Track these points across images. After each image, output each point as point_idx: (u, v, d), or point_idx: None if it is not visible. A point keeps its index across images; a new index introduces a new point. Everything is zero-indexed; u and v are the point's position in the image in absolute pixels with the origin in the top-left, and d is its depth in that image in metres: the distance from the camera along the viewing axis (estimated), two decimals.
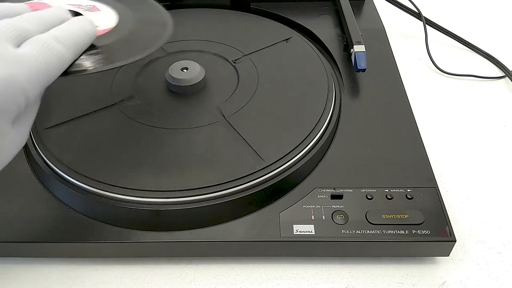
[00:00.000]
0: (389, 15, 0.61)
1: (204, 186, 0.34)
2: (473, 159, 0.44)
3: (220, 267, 0.36)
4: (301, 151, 0.37)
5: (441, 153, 0.44)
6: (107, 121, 0.40)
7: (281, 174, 0.36)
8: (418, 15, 0.59)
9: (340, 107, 0.43)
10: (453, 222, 0.35)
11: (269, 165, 0.36)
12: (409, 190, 0.36)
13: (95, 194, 0.35)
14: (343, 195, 0.36)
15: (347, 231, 0.34)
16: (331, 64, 0.48)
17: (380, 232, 0.34)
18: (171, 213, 0.34)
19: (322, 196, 0.36)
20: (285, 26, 0.52)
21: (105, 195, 0.35)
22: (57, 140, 0.39)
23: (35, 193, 0.36)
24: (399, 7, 0.60)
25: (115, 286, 0.34)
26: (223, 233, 0.34)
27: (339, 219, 0.34)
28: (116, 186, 0.34)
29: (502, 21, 0.64)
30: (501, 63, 0.55)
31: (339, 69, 0.48)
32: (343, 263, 0.36)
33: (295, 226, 0.34)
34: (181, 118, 0.40)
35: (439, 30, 0.59)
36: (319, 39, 0.51)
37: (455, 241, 0.33)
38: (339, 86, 0.46)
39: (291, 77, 0.44)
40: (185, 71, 0.43)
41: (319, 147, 0.38)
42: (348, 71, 0.47)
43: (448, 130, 0.47)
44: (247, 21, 0.54)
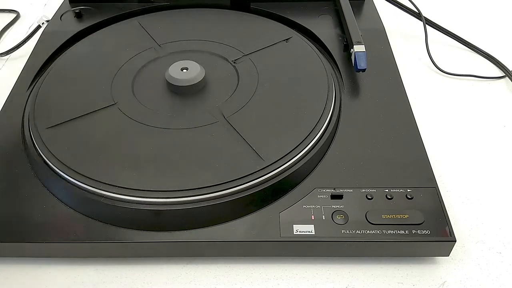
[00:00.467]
0: (389, 15, 0.61)
1: (204, 186, 0.34)
2: (473, 159, 0.44)
3: (220, 267, 0.36)
4: (301, 151, 0.37)
5: (441, 153, 0.44)
6: (107, 121, 0.40)
7: (281, 174, 0.36)
8: (418, 15, 0.59)
9: (340, 107, 0.43)
10: (453, 222, 0.35)
11: (269, 165, 0.36)
12: (409, 190, 0.36)
13: (95, 194, 0.35)
14: (343, 195, 0.36)
15: (347, 231, 0.34)
16: (331, 64, 0.48)
17: (380, 232, 0.34)
18: (171, 213, 0.34)
19: (322, 196, 0.36)
20: (285, 26, 0.52)
21: (105, 195, 0.35)
22: (57, 140, 0.39)
23: (35, 193, 0.36)
24: (399, 7, 0.60)
25: (115, 286, 0.34)
26: (223, 233, 0.34)
27: (339, 219, 0.34)
28: (116, 186, 0.34)
29: (502, 21, 0.64)
30: (501, 63, 0.55)
31: (339, 69, 0.47)
32: (343, 263, 0.36)
33: (295, 226, 0.34)
34: (181, 118, 0.40)
35: (439, 30, 0.59)
36: (319, 39, 0.51)
37: (455, 241, 0.33)
38: (339, 86, 0.45)
39: (291, 77, 0.44)
40: (185, 71, 0.43)
41: (319, 147, 0.38)
42: (348, 71, 0.47)
43: (448, 130, 0.47)
44: (247, 21, 0.54)
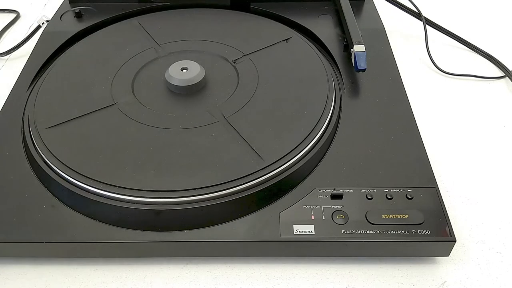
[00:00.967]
0: (389, 15, 0.61)
1: (204, 186, 0.34)
2: (473, 159, 0.44)
3: (220, 267, 0.36)
4: (301, 151, 0.37)
5: (441, 153, 0.44)
6: (107, 121, 0.40)
7: (281, 174, 0.36)
8: (418, 15, 0.59)
9: (340, 107, 0.43)
10: (453, 222, 0.35)
11: (269, 165, 0.36)
12: (409, 190, 0.36)
13: (95, 194, 0.35)
14: (343, 195, 0.36)
15: (347, 231, 0.34)
16: (331, 64, 0.48)
17: (380, 232, 0.34)
18: (171, 213, 0.34)
19: (322, 196, 0.36)
20: (285, 26, 0.52)
21: (105, 195, 0.35)
22: (57, 140, 0.39)
23: (35, 193, 0.36)
24: (399, 7, 0.60)
25: (115, 286, 0.35)
26: (223, 233, 0.34)
27: (339, 219, 0.34)
28: (116, 186, 0.34)
29: (502, 21, 0.64)
30: (501, 63, 0.55)
31: (339, 69, 0.47)
32: (343, 263, 0.36)
33: (295, 226, 0.34)
34: (181, 118, 0.40)
35: (439, 30, 0.59)
36: (319, 39, 0.51)
37: (455, 241, 0.33)
38: (339, 86, 0.45)
39: (291, 77, 0.44)
40: (185, 71, 0.43)
41: (319, 147, 0.38)
42: (348, 71, 0.47)
43: (448, 130, 0.47)
44: (247, 21, 0.54)
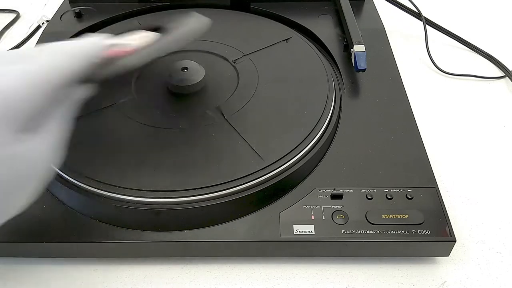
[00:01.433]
0: (389, 15, 0.61)
1: (204, 186, 0.34)
2: (473, 159, 0.44)
3: (220, 267, 0.36)
4: (301, 151, 0.37)
5: (441, 153, 0.44)
6: (107, 121, 0.40)
7: (281, 174, 0.36)
8: (418, 15, 0.59)
9: (340, 107, 0.43)
10: (453, 222, 0.35)
11: (269, 165, 0.36)
12: (409, 190, 0.36)
13: (95, 194, 0.35)
14: (343, 195, 0.36)
15: (347, 231, 0.34)
16: (331, 64, 0.48)
17: (380, 232, 0.34)
18: (171, 213, 0.34)
19: (322, 196, 0.36)
20: (285, 26, 0.52)
21: (105, 195, 0.35)
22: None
23: None
24: (399, 7, 0.60)
25: (115, 286, 0.35)
26: (223, 233, 0.34)
27: (339, 219, 0.34)
28: (116, 186, 0.34)
29: (502, 21, 0.64)
30: (501, 63, 0.55)
31: (339, 69, 0.47)
32: (343, 263, 0.36)
33: (295, 226, 0.34)
34: (181, 118, 0.40)
35: (439, 30, 0.59)
36: (319, 39, 0.51)
37: (455, 241, 0.33)
38: (339, 86, 0.45)
39: (291, 77, 0.44)
40: (185, 71, 0.43)
41: (319, 147, 0.38)
42: (348, 71, 0.47)
43: (448, 130, 0.47)
44: (247, 21, 0.54)
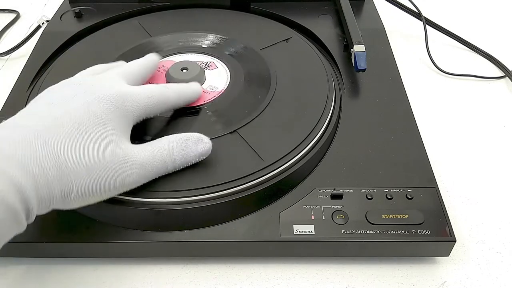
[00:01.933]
0: (389, 15, 0.61)
1: (204, 186, 0.34)
2: (473, 159, 0.44)
3: (220, 267, 0.36)
4: (301, 151, 0.37)
5: (441, 153, 0.44)
6: None
7: (281, 174, 0.36)
8: (418, 15, 0.59)
9: (340, 107, 0.43)
10: (453, 222, 0.35)
11: (269, 165, 0.36)
12: (409, 190, 0.36)
13: None
14: (343, 195, 0.36)
15: (347, 231, 0.34)
16: (331, 64, 0.48)
17: (380, 232, 0.34)
18: (171, 213, 0.34)
19: (322, 196, 0.36)
20: (285, 26, 0.52)
21: None
22: None
23: None
24: (399, 7, 0.60)
25: (115, 286, 0.34)
26: (223, 233, 0.34)
27: (339, 219, 0.34)
28: None
29: (502, 21, 0.64)
30: (501, 63, 0.55)
31: (339, 69, 0.47)
32: (343, 263, 0.36)
33: (295, 226, 0.34)
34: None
35: (439, 30, 0.59)
36: (319, 39, 0.51)
37: (455, 241, 0.33)
38: (339, 86, 0.45)
39: (291, 77, 0.44)
40: (185, 71, 0.43)
41: (319, 147, 0.38)
42: (348, 71, 0.47)
43: (448, 130, 0.47)
44: (247, 21, 0.54)
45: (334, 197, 0.36)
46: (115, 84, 0.34)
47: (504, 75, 0.54)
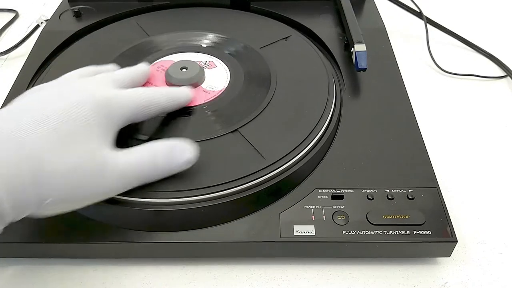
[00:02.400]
0: (390, 14, 0.60)
1: (204, 186, 0.34)
2: (474, 159, 0.44)
3: (220, 268, 0.35)
4: (302, 151, 0.37)
5: (442, 153, 0.44)
6: None
7: (281, 174, 0.36)
8: (419, 14, 0.59)
9: (340, 106, 0.43)
10: (454, 222, 0.35)
11: (269, 166, 0.35)
12: (410, 190, 0.36)
13: None
14: (343, 195, 0.36)
15: (348, 232, 0.33)
16: (331, 63, 0.48)
17: (381, 232, 0.33)
18: (170, 214, 0.34)
19: (322, 196, 0.35)
20: (285, 25, 0.52)
21: None
22: None
23: None
24: (400, 6, 0.59)
25: (114, 287, 0.34)
26: (223, 233, 0.34)
27: (339, 219, 0.34)
28: None
29: (503, 21, 0.64)
30: (503, 63, 0.55)
31: (339, 69, 0.47)
32: (343, 264, 0.35)
33: (295, 226, 0.34)
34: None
35: (440, 29, 0.59)
36: (320, 38, 0.51)
37: (456, 242, 0.33)
38: (340, 85, 0.45)
39: (291, 77, 0.44)
40: (184, 71, 0.43)
41: (320, 147, 0.38)
42: (348, 70, 0.47)
43: (449, 130, 0.47)
44: (246, 20, 0.53)
45: (334, 197, 0.35)
46: (101, 87, 0.33)
47: (505, 74, 0.54)
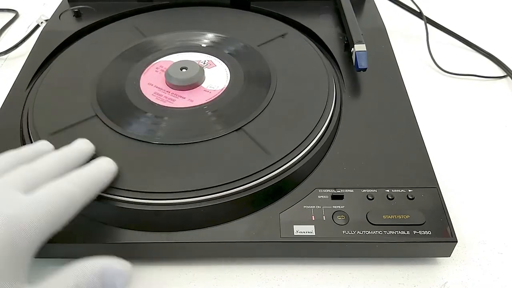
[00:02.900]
0: (390, 14, 0.60)
1: (204, 187, 0.34)
2: (474, 159, 0.44)
3: (220, 268, 0.35)
4: (302, 151, 0.37)
5: (442, 153, 0.44)
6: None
7: (281, 174, 0.36)
8: (419, 14, 0.59)
9: (340, 106, 0.43)
10: (454, 222, 0.34)
11: (269, 166, 0.35)
12: (410, 190, 0.36)
13: None
14: (343, 195, 0.35)
15: (348, 232, 0.33)
16: (331, 63, 0.48)
17: (381, 232, 0.33)
18: (170, 214, 0.34)
19: (322, 196, 0.35)
20: (285, 24, 0.52)
21: (105, 196, 0.34)
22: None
23: None
24: (400, 6, 0.59)
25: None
26: (223, 233, 0.34)
27: (339, 219, 0.34)
28: (115, 187, 0.34)
29: (503, 21, 0.64)
30: (503, 63, 0.55)
31: (339, 69, 0.47)
32: (343, 264, 0.35)
33: (295, 226, 0.34)
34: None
35: (440, 29, 0.59)
36: (320, 38, 0.51)
37: (456, 242, 0.33)
38: (340, 85, 0.45)
39: (291, 76, 0.44)
40: (184, 71, 0.43)
41: (320, 147, 0.38)
42: (348, 70, 0.47)
43: (449, 130, 0.47)
44: (246, 19, 0.53)
45: (334, 197, 0.35)
46: (2, 202, 0.26)
47: (505, 74, 0.54)
